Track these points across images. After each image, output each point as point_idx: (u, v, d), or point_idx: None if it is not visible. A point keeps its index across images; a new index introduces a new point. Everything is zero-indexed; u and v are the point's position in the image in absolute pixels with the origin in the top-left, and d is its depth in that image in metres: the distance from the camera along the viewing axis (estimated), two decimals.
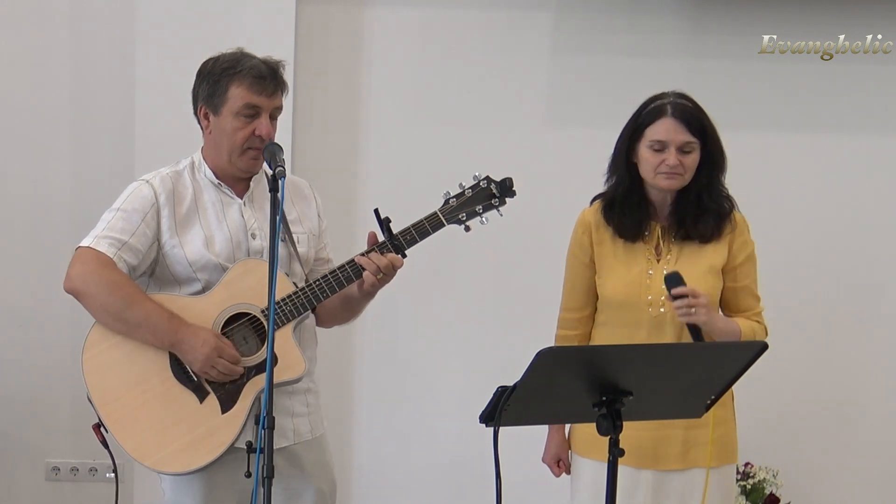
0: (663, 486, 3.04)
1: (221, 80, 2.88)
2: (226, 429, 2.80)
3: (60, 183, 4.35)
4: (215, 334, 2.79)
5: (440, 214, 2.93)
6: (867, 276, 4.32)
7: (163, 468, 2.82)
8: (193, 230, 2.88)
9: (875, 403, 4.35)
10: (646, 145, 2.99)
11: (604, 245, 3.07)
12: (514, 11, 4.27)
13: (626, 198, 3.04)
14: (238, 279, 2.84)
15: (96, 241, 2.84)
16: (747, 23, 4.20)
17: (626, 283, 3.02)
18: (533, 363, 2.35)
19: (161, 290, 2.90)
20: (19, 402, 4.38)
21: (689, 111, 2.99)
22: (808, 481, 4.28)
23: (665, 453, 3.02)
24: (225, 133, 2.88)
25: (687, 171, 2.98)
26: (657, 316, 3.00)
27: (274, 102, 2.90)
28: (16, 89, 4.34)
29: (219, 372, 2.77)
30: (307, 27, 4.22)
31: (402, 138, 4.34)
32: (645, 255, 3.04)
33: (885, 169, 4.30)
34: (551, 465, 3.22)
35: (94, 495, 4.38)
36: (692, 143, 2.97)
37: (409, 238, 2.90)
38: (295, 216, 3.01)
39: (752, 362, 2.57)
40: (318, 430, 3.05)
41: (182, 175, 2.94)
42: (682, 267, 2.98)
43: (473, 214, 2.94)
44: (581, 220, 3.13)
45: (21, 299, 4.37)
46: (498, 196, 2.95)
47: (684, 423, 2.97)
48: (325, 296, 2.85)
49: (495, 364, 4.07)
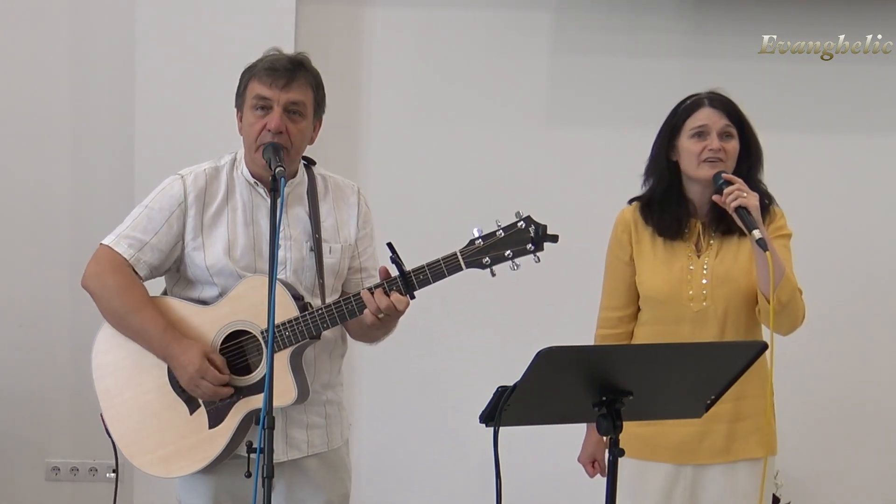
0: (703, 480, 3.03)
1: (244, 78, 2.86)
2: (210, 444, 2.80)
3: (60, 182, 4.35)
4: (203, 355, 2.75)
5: (460, 256, 2.67)
6: (863, 275, 4.32)
7: (147, 470, 2.84)
8: (218, 232, 2.85)
9: (875, 403, 4.36)
10: (687, 136, 3.02)
11: (643, 243, 3.08)
12: (514, 11, 4.27)
13: (666, 196, 3.06)
14: (244, 295, 2.80)
15: (117, 241, 2.84)
16: (747, 23, 4.20)
17: (666, 279, 3.03)
18: (533, 363, 2.34)
19: (185, 288, 2.89)
20: (19, 402, 4.38)
21: (726, 101, 3.06)
22: (808, 481, 4.28)
23: (709, 447, 3.02)
24: (245, 130, 2.85)
25: (728, 158, 3.00)
26: (699, 311, 3.01)
27: (288, 96, 2.79)
28: (16, 89, 4.34)
29: (203, 392, 2.76)
30: (307, 27, 4.22)
31: (401, 138, 4.34)
32: (685, 252, 3.05)
33: (886, 169, 4.31)
34: (586, 465, 3.21)
35: (94, 495, 4.38)
36: (731, 129, 3.02)
37: (421, 278, 2.69)
38: (331, 223, 2.93)
39: (752, 362, 2.57)
40: (336, 443, 2.99)
41: (220, 172, 2.89)
42: (722, 261, 3.01)
43: (500, 259, 2.65)
44: (621, 219, 3.14)
45: (21, 299, 4.37)
46: (534, 242, 2.64)
47: (730, 416, 2.98)
48: (326, 326, 2.76)
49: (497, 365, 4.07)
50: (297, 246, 2.86)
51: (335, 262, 2.90)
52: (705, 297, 3.00)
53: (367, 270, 2.99)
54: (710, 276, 3.01)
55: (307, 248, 2.87)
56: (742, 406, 2.99)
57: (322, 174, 2.99)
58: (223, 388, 2.76)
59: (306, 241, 2.87)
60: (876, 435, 4.36)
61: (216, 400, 2.78)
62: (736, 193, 2.90)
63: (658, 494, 3.03)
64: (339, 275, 2.93)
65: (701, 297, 3.01)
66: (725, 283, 3.00)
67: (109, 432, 2.86)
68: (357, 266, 2.98)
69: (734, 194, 2.90)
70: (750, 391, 2.96)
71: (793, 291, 2.95)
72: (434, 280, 2.69)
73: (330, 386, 2.97)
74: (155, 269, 2.86)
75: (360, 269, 2.98)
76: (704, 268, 3.02)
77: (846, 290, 4.32)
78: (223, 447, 2.79)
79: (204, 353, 2.76)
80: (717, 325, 3.01)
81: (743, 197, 2.89)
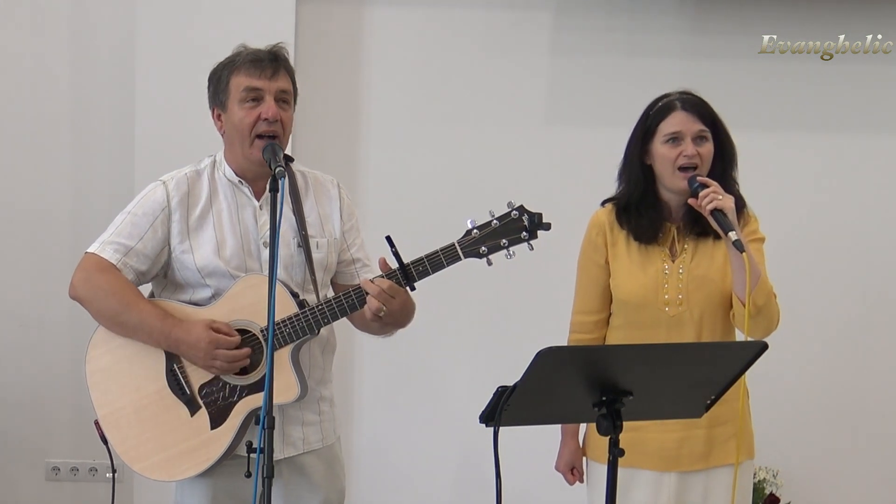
0: (686, 488, 3.02)
1: (223, 76, 2.86)
2: (213, 445, 2.80)
3: (60, 183, 4.35)
4: (207, 326, 2.75)
5: (458, 246, 2.72)
6: (863, 274, 4.32)
7: (149, 475, 2.84)
8: (205, 234, 2.85)
9: (875, 403, 4.36)
10: (660, 141, 2.99)
11: (618, 246, 3.06)
12: (514, 11, 4.27)
13: (642, 200, 3.03)
14: (241, 294, 2.80)
15: (102, 247, 2.84)
16: (747, 23, 4.20)
17: (642, 283, 3.01)
18: (533, 363, 2.34)
19: (175, 293, 2.89)
20: (19, 402, 4.39)
21: (698, 103, 3.02)
22: (808, 481, 4.28)
23: (689, 454, 3.01)
24: (234, 126, 2.84)
25: (704, 162, 2.97)
26: (675, 315, 2.99)
27: (277, 84, 2.82)
28: (16, 90, 4.34)
29: (222, 362, 2.75)
30: (307, 27, 4.23)
31: (401, 138, 4.34)
32: (660, 256, 3.03)
33: (886, 169, 4.31)
34: (565, 473, 3.19)
35: (93, 495, 4.38)
36: (706, 132, 2.98)
37: (420, 269, 2.72)
38: (315, 218, 2.94)
39: (752, 362, 2.57)
40: (330, 439, 3.01)
41: (201, 175, 2.90)
42: (698, 265, 2.99)
43: (497, 248, 2.72)
44: (595, 222, 3.11)
45: (21, 300, 4.37)
46: (528, 230, 2.72)
47: (707, 422, 2.94)
48: (327, 321, 2.78)
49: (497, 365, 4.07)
50: (284, 243, 2.85)
51: (323, 256, 2.92)
52: (681, 301, 2.98)
53: (361, 261, 3.01)
54: (686, 280, 2.98)
55: (294, 244, 2.88)
56: (719, 411, 2.97)
57: (301, 170, 2.99)
58: (240, 350, 2.75)
59: (293, 238, 2.88)
60: (876, 435, 4.36)
61: (236, 367, 2.75)
62: (711, 196, 2.87)
63: (643, 502, 3.01)
64: (328, 269, 2.95)
65: (676, 301, 2.98)
66: (701, 287, 2.98)
67: (107, 439, 2.85)
68: (349, 258, 2.99)
69: (709, 197, 2.87)
70: (727, 395, 2.93)
71: (768, 295, 2.92)
72: (433, 271, 2.72)
73: (323, 382, 2.98)
74: (142, 274, 2.86)
75: (352, 261, 3.00)
76: (680, 271, 2.99)
77: (846, 290, 4.32)
78: (226, 447, 2.79)
79: (207, 325, 2.76)
80: (693, 330, 2.98)
81: (718, 199, 2.86)
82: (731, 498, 2.97)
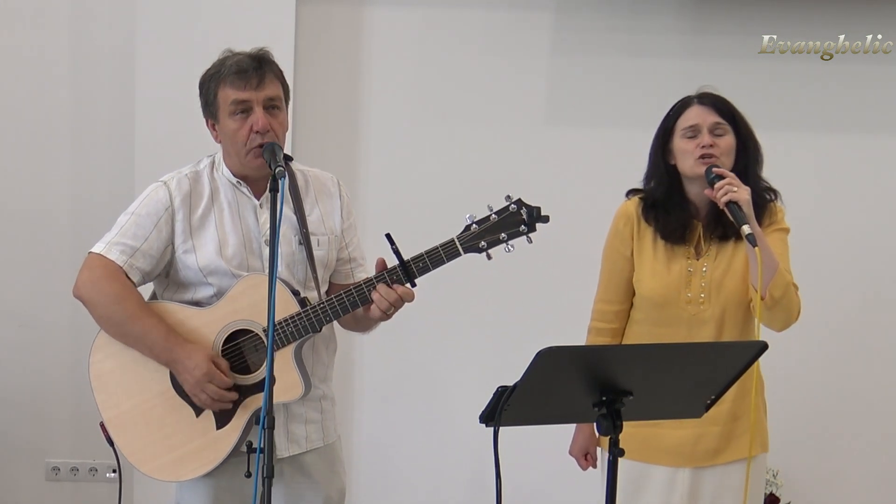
0: (700, 482, 3.03)
1: (210, 88, 2.85)
2: (219, 445, 2.80)
3: (60, 183, 4.35)
4: (209, 358, 2.75)
5: (457, 242, 2.72)
6: (863, 274, 4.32)
7: (156, 476, 2.84)
8: (207, 233, 2.85)
9: (875, 404, 4.36)
10: (679, 136, 3.01)
11: (644, 240, 3.06)
12: (514, 11, 4.27)
13: (668, 198, 3.04)
14: (243, 294, 2.80)
15: (108, 248, 2.83)
16: (747, 23, 4.20)
17: (665, 282, 3.01)
18: (533, 363, 2.34)
19: (177, 292, 2.89)
20: (19, 402, 4.39)
21: (716, 98, 3.04)
22: (808, 481, 4.28)
23: (704, 450, 3.02)
24: (228, 137, 2.84)
25: (722, 154, 2.97)
26: (696, 314, 3.00)
27: (264, 93, 2.80)
28: (16, 89, 4.34)
29: (208, 396, 2.75)
30: (307, 27, 4.23)
31: (402, 138, 4.34)
32: (685, 254, 3.03)
33: (886, 169, 4.31)
34: (578, 458, 3.20)
35: (94, 495, 4.38)
36: (723, 125, 2.99)
37: (421, 266, 2.73)
38: (316, 216, 2.94)
39: (752, 362, 2.57)
40: (331, 438, 3.01)
41: (201, 175, 2.90)
42: (721, 265, 3.00)
43: (496, 242, 2.72)
44: (623, 212, 3.11)
45: (21, 300, 4.37)
46: (527, 223, 2.72)
47: (725, 418, 2.96)
48: (329, 319, 2.78)
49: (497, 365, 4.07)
50: (286, 241, 2.85)
51: (324, 253, 2.92)
52: (702, 300, 2.99)
53: (356, 260, 3.02)
54: (709, 279, 3.00)
55: (296, 242, 2.88)
56: (737, 406, 2.99)
57: (300, 169, 3.00)
58: (229, 392, 2.76)
59: (294, 236, 2.88)
60: (876, 435, 4.36)
61: (218, 406, 2.77)
62: (727, 188, 2.87)
63: (657, 497, 3.02)
64: (329, 266, 2.95)
65: (699, 300, 3.00)
66: (724, 285, 2.99)
67: (113, 441, 2.86)
68: (346, 257, 3.00)
69: (724, 189, 2.87)
70: (745, 391, 2.94)
71: (786, 287, 2.91)
72: (433, 267, 2.73)
73: (324, 380, 2.99)
74: (146, 274, 2.86)
75: (349, 260, 3.00)
76: (704, 270, 3.01)
77: (846, 290, 4.32)
78: (232, 447, 2.80)
79: (209, 356, 2.76)
80: (713, 329, 2.99)
81: (733, 191, 2.86)
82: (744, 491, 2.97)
